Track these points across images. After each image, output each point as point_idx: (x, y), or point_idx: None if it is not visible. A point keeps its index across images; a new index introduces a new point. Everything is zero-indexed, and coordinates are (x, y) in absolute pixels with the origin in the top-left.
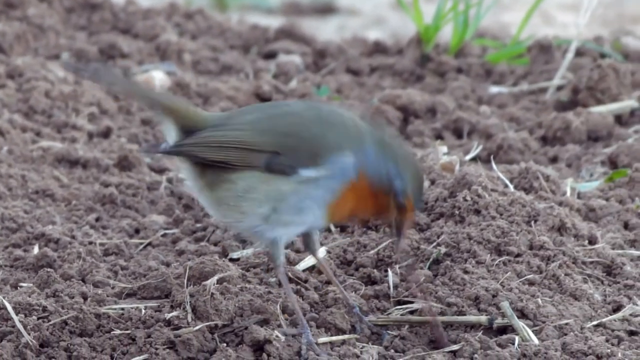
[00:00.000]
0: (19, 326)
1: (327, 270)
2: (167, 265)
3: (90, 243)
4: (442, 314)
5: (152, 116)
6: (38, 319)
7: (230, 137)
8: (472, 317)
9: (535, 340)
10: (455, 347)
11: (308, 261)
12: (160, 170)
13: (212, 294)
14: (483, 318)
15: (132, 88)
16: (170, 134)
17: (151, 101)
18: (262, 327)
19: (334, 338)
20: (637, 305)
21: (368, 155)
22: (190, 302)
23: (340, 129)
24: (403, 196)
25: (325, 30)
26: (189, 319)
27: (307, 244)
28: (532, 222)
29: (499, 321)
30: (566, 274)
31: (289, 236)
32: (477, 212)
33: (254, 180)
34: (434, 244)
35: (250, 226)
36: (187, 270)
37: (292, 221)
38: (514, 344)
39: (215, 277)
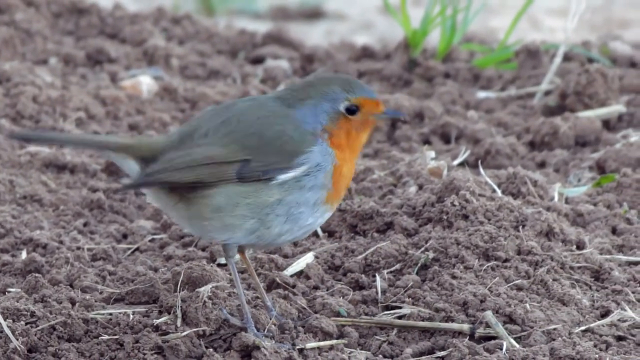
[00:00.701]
0: (7, 331)
1: (251, 269)
2: (155, 270)
3: (78, 248)
4: (429, 318)
5: (106, 157)
6: (26, 324)
7: (196, 154)
8: (454, 325)
9: (521, 349)
10: (443, 353)
11: (296, 266)
12: None
13: (204, 301)
14: (465, 326)
15: (80, 140)
16: (131, 168)
17: (102, 145)
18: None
19: (321, 343)
20: (625, 310)
21: (308, 118)
22: (181, 307)
23: (282, 116)
24: (349, 107)
25: (313, 35)
26: (178, 324)
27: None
28: (520, 227)
29: (482, 331)
30: (554, 279)
31: (289, 241)
32: (465, 217)
33: (232, 195)
34: (422, 249)
35: (235, 240)
36: (181, 276)
37: (286, 230)
38: (501, 349)
39: (209, 285)
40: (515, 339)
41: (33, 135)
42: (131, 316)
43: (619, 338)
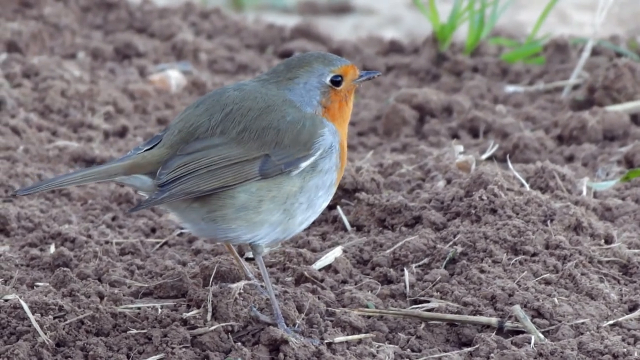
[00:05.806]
0: (35, 325)
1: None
2: (184, 264)
3: (107, 242)
4: (457, 312)
5: (119, 181)
6: (54, 318)
7: (212, 155)
8: (482, 318)
9: (549, 343)
10: (471, 348)
11: (324, 260)
12: None
13: (236, 298)
14: (493, 320)
15: (87, 173)
16: (144, 183)
17: (111, 173)
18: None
19: (350, 337)
20: None
21: (299, 96)
22: (212, 302)
23: (283, 104)
24: (334, 78)
25: (341, 30)
26: (208, 318)
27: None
28: (548, 222)
29: (510, 325)
30: (582, 274)
31: (304, 228)
32: (493, 211)
33: (255, 191)
34: (450, 243)
35: (261, 236)
36: (213, 271)
37: (307, 217)
38: (530, 343)
39: (242, 283)
40: (543, 333)
41: (38, 186)
42: (159, 310)
43: None
